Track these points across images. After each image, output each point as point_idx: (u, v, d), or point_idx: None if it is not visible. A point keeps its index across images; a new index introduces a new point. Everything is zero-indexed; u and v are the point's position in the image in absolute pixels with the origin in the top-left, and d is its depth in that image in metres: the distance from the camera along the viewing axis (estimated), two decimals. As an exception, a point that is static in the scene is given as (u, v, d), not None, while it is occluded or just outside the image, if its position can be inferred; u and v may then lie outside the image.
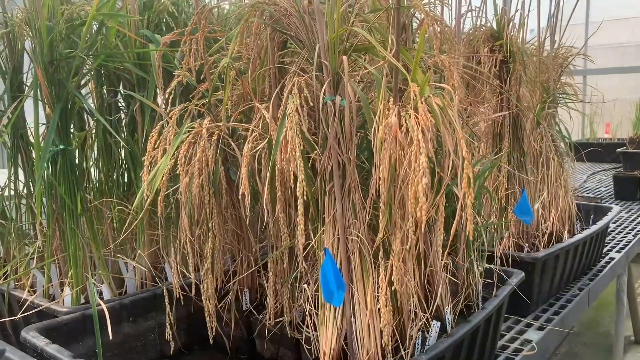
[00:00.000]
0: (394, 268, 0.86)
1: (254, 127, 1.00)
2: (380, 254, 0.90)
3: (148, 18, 1.23)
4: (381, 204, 0.85)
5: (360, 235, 0.91)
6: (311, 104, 0.92)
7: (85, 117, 1.30)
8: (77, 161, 1.21)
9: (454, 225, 0.77)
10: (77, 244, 1.14)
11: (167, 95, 0.98)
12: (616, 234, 2.25)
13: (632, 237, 2.17)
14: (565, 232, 1.63)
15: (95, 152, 1.30)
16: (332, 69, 0.92)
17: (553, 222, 1.60)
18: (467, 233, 0.76)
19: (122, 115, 1.32)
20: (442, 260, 0.98)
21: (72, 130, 1.19)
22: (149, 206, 0.96)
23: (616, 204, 2.84)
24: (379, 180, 0.84)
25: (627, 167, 3.62)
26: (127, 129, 1.31)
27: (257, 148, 0.96)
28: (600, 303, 3.06)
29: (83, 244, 1.15)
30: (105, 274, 1.18)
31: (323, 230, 0.95)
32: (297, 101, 0.89)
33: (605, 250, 1.99)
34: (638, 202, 2.84)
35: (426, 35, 0.97)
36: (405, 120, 0.83)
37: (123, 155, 1.30)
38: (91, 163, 1.31)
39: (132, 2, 1.19)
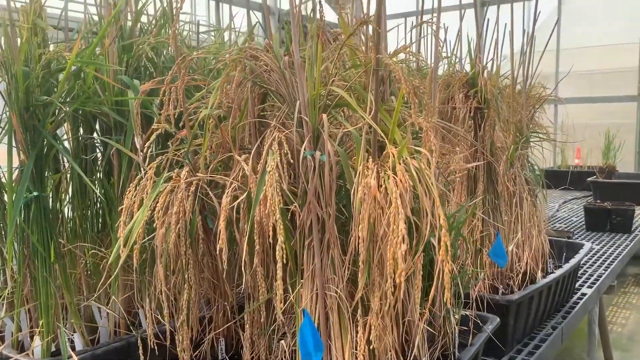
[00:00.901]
0: (373, 327, 0.86)
1: (233, 179, 0.99)
2: (359, 310, 0.90)
3: (127, 62, 1.23)
4: (360, 263, 0.86)
5: (339, 291, 0.91)
6: (291, 161, 0.92)
7: (60, 157, 1.27)
8: (50, 205, 1.18)
9: (432, 288, 0.78)
10: (48, 292, 1.11)
11: (145, 149, 0.97)
12: (587, 267, 2.30)
13: (603, 272, 2.21)
14: (539, 270, 1.66)
15: (70, 194, 1.27)
16: (312, 125, 0.93)
17: (527, 261, 1.62)
18: (444, 296, 0.77)
19: (99, 154, 1.30)
20: (419, 313, 0.99)
21: (46, 174, 1.17)
22: (123, 261, 0.94)
23: (587, 235, 2.90)
24: (358, 239, 0.85)
25: (597, 196, 3.71)
26: (102, 170, 1.29)
27: (236, 202, 0.96)
28: (573, 332, 3.10)
29: (55, 292, 1.12)
30: (77, 322, 1.15)
31: (302, 284, 0.95)
32: (277, 158, 0.89)
33: (577, 284, 2.03)
34: (608, 233, 2.91)
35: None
36: (384, 180, 0.84)
37: (98, 193, 1.27)
38: (65, 203, 1.28)
39: (112, 47, 1.18)
